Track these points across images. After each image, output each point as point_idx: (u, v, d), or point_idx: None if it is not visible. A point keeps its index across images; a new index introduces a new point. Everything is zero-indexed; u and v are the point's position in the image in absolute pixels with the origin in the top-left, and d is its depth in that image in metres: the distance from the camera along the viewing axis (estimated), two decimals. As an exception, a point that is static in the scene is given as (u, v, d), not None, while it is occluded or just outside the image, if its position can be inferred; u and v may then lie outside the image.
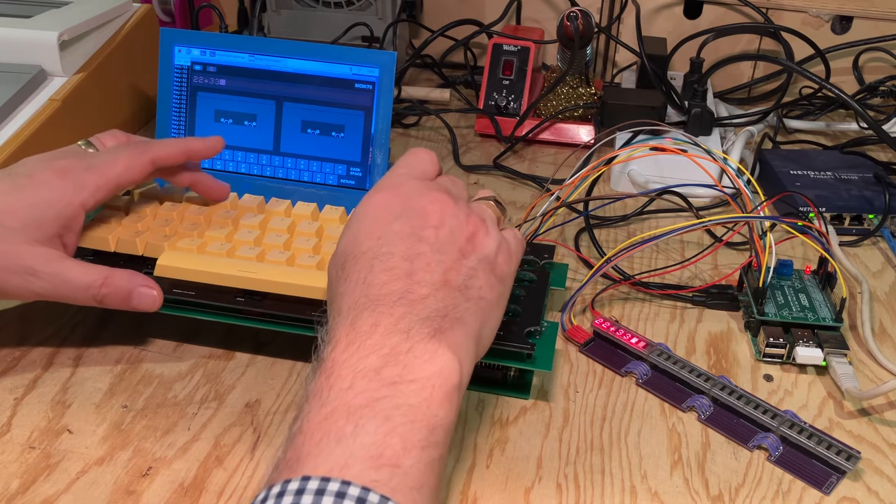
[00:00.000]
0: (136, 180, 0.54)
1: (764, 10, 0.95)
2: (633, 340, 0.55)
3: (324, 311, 0.43)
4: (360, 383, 0.36)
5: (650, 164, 0.75)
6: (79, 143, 0.55)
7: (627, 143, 0.73)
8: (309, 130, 0.64)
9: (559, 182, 0.69)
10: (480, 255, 0.43)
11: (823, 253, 0.58)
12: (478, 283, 0.42)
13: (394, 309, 0.39)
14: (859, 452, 0.47)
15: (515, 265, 0.46)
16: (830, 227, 0.67)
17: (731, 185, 0.63)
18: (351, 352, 0.37)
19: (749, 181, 0.66)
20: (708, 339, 0.57)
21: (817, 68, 0.86)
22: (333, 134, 0.64)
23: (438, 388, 0.37)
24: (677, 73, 0.91)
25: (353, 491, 0.32)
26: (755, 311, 0.56)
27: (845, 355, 0.54)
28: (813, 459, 0.47)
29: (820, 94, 0.91)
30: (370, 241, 0.42)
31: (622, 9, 0.96)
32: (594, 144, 0.69)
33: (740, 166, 0.72)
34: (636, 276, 0.62)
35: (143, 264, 0.55)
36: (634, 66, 0.95)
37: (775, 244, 0.56)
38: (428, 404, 0.36)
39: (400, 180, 0.45)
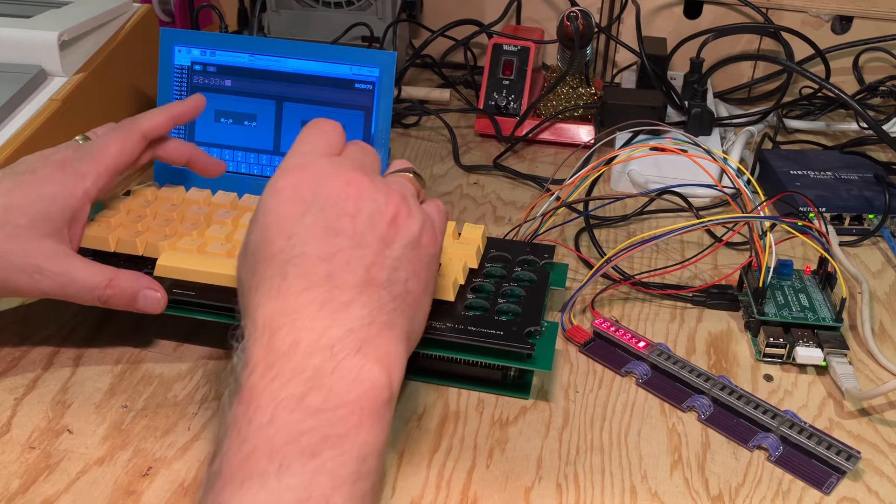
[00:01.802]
0: (133, 157, 0.54)
1: (764, 10, 0.95)
2: (634, 341, 0.55)
3: (238, 317, 0.40)
4: (282, 415, 0.33)
5: (650, 164, 0.75)
6: (76, 137, 0.55)
7: (627, 143, 0.74)
8: (309, 130, 0.64)
9: (559, 182, 0.69)
10: (405, 240, 0.40)
11: (823, 253, 0.58)
12: (404, 275, 0.39)
13: (314, 322, 0.36)
14: (859, 452, 0.47)
15: (441, 241, 0.43)
16: (830, 227, 0.67)
17: (731, 185, 0.63)
18: (270, 377, 0.35)
19: (749, 181, 0.66)
20: (708, 339, 0.57)
21: (817, 68, 0.86)
22: (333, 134, 0.64)
23: (367, 410, 0.35)
24: (677, 73, 0.91)
25: None
26: (755, 311, 0.56)
27: (845, 355, 0.54)
28: (813, 459, 0.47)
29: (820, 94, 0.91)
30: (281, 239, 0.38)
31: (622, 9, 0.96)
32: (594, 144, 0.69)
33: (740, 166, 0.72)
34: (636, 276, 0.62)
35: (143, 264, 0.55)
36: (634, 66, 0.95)
37: (775, 244, 0.56)
38: (357, 431, 0.34)
39: (306, 160, 0.41)
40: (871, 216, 0.70)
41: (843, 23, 0.96)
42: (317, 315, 0.36)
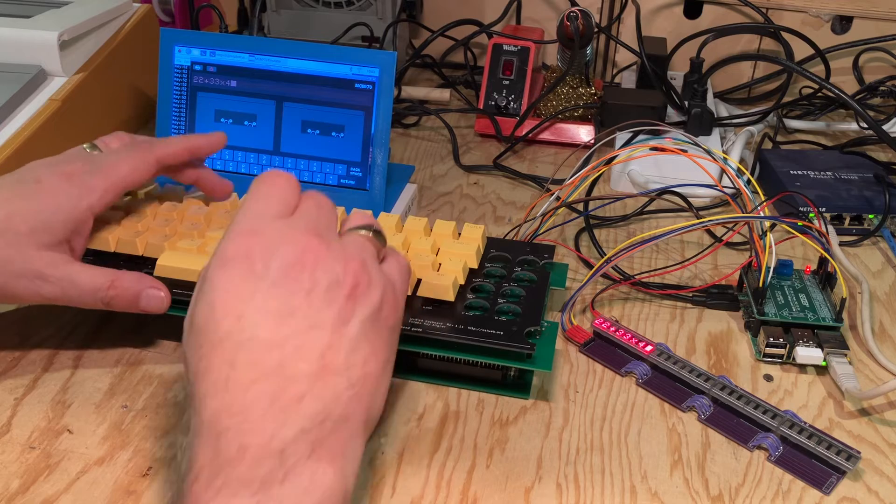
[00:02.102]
0: (143, 180, 0.53)
1: (764, 10, 0.95)
2: (634, 341, 0.55)
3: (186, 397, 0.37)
4: None
5: (650, 164, 0.75)
6: (83, 145, 0.54)
7: (627, 143, 0.74)
8: (309, 130, 0.64)
9: (559, 182, 0.69)
10: (364, 315, 0.37)
11: (823, 253, 0.58)
12: (361, 357, 0.36)
13: (263, 423, 0.33)
14: (859, 452, 0.47)
15: (402, 306, 0.40)
16: (830, 227, 0.67)
17: (731, 185, 0.63)
18: (216, 488, 0.32)
19: (749, 181, 0.66)
20: (708, 339, 0.57)
21: (817, 68, 0.86)
22: (333, 134, 0.64)
23: None
24: (677, 73, 0.91)
25: None
26: (755, 311, 0.56)
27: (845, 355, 0.54)
28: (813, 459, 0.47)
29: (820, 94, 0.91)
30: (229, 319, 0.35)
31: (622, 9, 0.96)
32: (594, 144, 0.69)
33: (740, 166, 0.72)
34: (636, 276, 0.62)
35: (143, 264, 0.55)
36: (634, 66, 0.95)
37: (775, 244, 0.56)
38: None
39: (257, 223, 0.37)
40: (871, 216, 0.70)
41: (843, 23, 0.96)
42: (266, 412, 0.33)
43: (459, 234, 0.58)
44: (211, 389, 0.34)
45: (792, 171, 0.75)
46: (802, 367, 0.55)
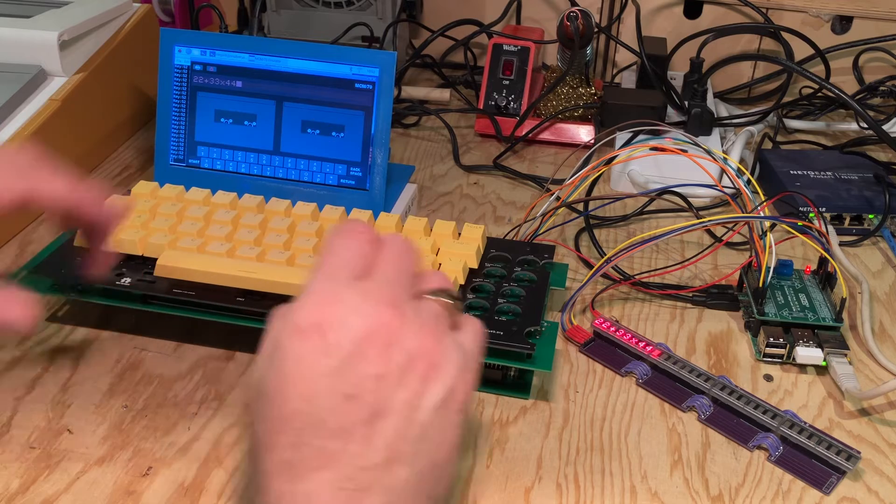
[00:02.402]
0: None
1: (764, 10, 0.95)
2: (634, 341, 0.55)
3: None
4: None
5: (650, 164, 0.75)
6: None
7: (627, 143, 0.73)
8: (309, 130, 0.64)
9: (559, 182, 0.69)
10: (436, 399, 0.35)
11: (823, 253, 0.58)
12: (431, 445, 0.35)
13: None
14: (859, 452, 0.47)
15: (475, 378, 0.37)
16: (830, 227, 0.67)
17: (731, 185, 0.63)
18: None
19: (749, 181, 0.66)
20: (708, 339, 0.57)
21: (817, 68, 0.86)
22: (333, 134, 0.64)
23: None
24: (677, 73, 0.91)
25: None
26: (755, 311, 0.56)
27: (845, 355, 0.54)
28: (813, 459, 0.47)
29: (820, 94, 0.91)
30: (297, 400, 0.33)
31: (622, 9, 0.96)
32: (594, 144, 0.69)
33: (740, 166, 0.72)
34: (636, 276, 0.62)
35: (144, 264, 0.55)
36: (634, 66, 0.95)
37: (775, 244, 0.56)
38: None
39: (332, 288, 0.35)
40: (871, 216, 0.70)
41: (843, 23, 0.96)
42: (330, 502, 0.33)
43: (459, 234, 0.58)
44: (275, 470, 0.33)
45: (792, 171, 0.75)
46: (802, 367, 0.55)
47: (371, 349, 0.34)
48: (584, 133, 0.85)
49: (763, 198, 0.67)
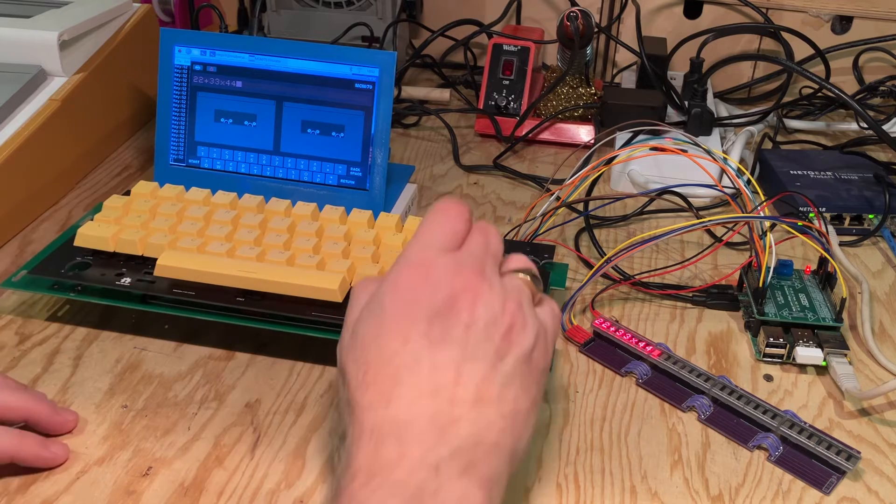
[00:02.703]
0: None
1: (764, 10, 0.95)
2: (634, 341, 0.55)
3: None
4: None
5: (650, 164, 0.75)
6: None
7: (627, 143, 0.73)
8: (309, 130, 0.64)
9: (559, 182, 0.69)
10: (517, 355, 0.38)
11: (823, 253, 0.58)
12: (513, 393, 0.38)
13: (423, 437, 0.35)
14: (859, 452, 0.47)
15: (552, 353, 0.42)
16: (830, 227, 0.67)
17: (731, 185, 0.63)
18: (371, 489, 0.34)
19: (749, 181, 0.66)
20: (708, 339, 0.57)
21: (817, 68, 0.86)
22: (333, 134, 0.64)
23: None
24: (677, 73, 0.91)
25: None
26: (755, 311, 0.56)
27: (845, 355, 0.54)
28: (813, 459, 0.47)
29: (820, 94, 0.91)
30: (396, 342, 0.37)
31: (622, 9, 0.96)
32: (594, 144, 0.69)
33: (740, 166, 0.72)
34: (636, 276, 0.62)
35: (144, 264, 0.55)
36: (634, 66, 0.95)
37: (775, 244, 0.56)
38: None
39: (428, 255, 0.39)
40: (871, 216, 0.70)
41: (843, 23, 0.96)
42: (426, 428, 0.35)
43: (459, 234, 0.58)
44: (375, 401, 0.36)
45: (792, 171, 0.75)
46: (802, 367, 0.55)
47: (460, 306, 0.38)
48: (584, 133, 0.85)
49: (763, 198, 0.67)
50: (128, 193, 0.61)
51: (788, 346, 0.54)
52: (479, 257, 0.40)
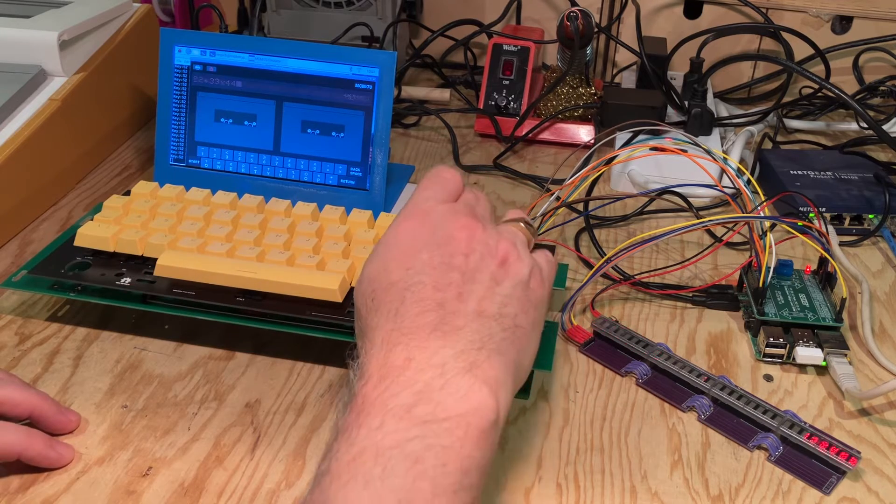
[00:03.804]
0: None
1: (764, 10, 0.95)
2: (633, 341, 0.55)
3: (353, 346, 0.42)
4: (391, 422, 0.35)
5: (650, 164, 0.75)
6: None
7: (627, 143, 0.73)
8: (309, 130, 0.64)
9: (559, 182, 0.69)
10: (514, 281, 0.41)
11: (823, 253, 0.58)
12: (512, 311, 0.41)
13: (427, 342, 0.38)
14: (859, 452, 0.47)
15: (549, 288, 0.45)
16: (830, 227, 0.67)
17: (731, 185, 0.63)
18: (383, 388, 0.36)
19: (749, 181, 0.66)
20: (708, 339, 0.57)
21: (817, 68, 0.86)
22: (333, 134, 0.64)
23: (473, 427, 0.36)
24: (677, 73, 0.91)
25: None
26: (755, 311, 0.56)
27: (845, 355, 0.54)
28: (813, 459, 0.47)
29: (820, 94, 0.91)
30: (400, 270, 0.40)
31: (622, 9, 0.96)
32: (594, 144, 0.69)
33: (740, 166, 0.72)
34: (636, 276, 0.62)
35: (144, 264, 0.55)
36: (634, 66, 0.95)
37: (775, 244, 0.56)
38: (461, 444, 0.35)
39: (426, 205, 0.43)
40: (871, 216, 0.70)
41: (843, 23, 0.96)
42: (430, 335, 0.38)
43: (459, 234, 0.58)
44: (381, 320, 0.39)
45: (792, 171, 0.75)
46: (802, 367, 0.55)
47: (458, 240, 0.41)
48: (584, 133, 0.85)
49: (763, 198, 0.67)
50: (128, 193, 0.61)
51: (788, 346, 0.54)
52: (472, 206, 0.44)
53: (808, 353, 0.54)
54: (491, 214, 0.46)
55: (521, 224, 0.46)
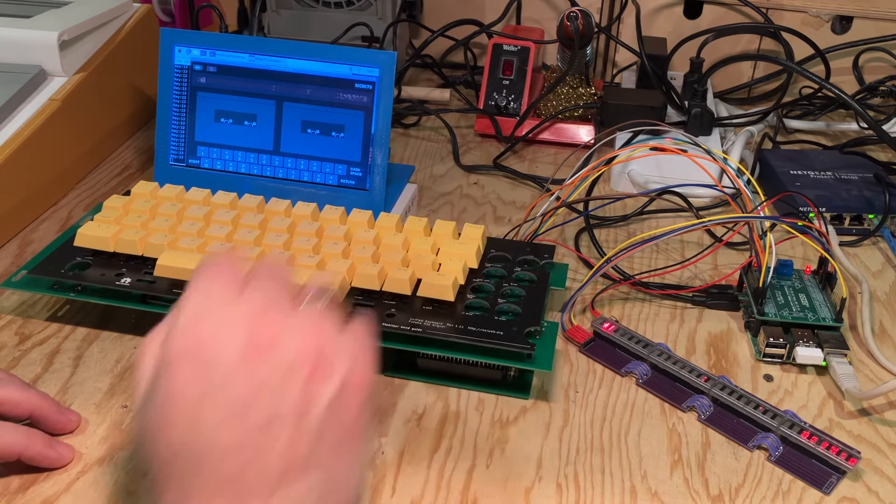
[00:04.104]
0: None
1: (764, 10, 0.95)
2: (633, 341, 0.55)
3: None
4: None
5: (650, 164, 0.75)
6: None
7: (627, 143, 0.73)
8: (309, 130, 0.64)
9: (559, 182, 0.69)
10: (326, 398, 0.33)
11: (823, 253, 0.58)
12: (328, 445, 0.33)
13: None
14: (859, 452, 0.47)
15: (371, 368, 0.36)
16: (830, 227, 0.67)
17: (731, 185, 0.63)
18: None
19: (749, 181, 0.66)
20: (708, 339, 0.57)
21: (817, 68, 0.86)
22: (333, 134, 0.64)
23: None
24: (677, 73, 0.91)
25: None
26: (755, 311, 0.56)
27: (845, 355, 0.54)
28: (813, 459, 0.47)
29: (820, 94, 0.91)
30: (182, 429, 0.32)
31: (622, 9, 0.96)
32: (594, 144, 0.69)
33: (740, 166, 0.72)
34: (636, 276, 0.62)
35: (144, 264, 0.55)
36: (634, 66, 0.95)
37: (775, 244, 0.56)
38: None
39: (202, 309, 0.34)
40: (871, 216, 0.70)
41: (843, 23, 0.96)
42: None
43: (459, 234, 0.58)
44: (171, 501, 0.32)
45: (792, 171, 0.75)
46: (802, 367, 0.55)
47: (249, 361, 0.33)
48: (584, 133, 0.85)
49: (763, 198, 0.67)
50: (128, 193, 0.61)
51: (788, 346, 0.54)
52: (265, 293, 0.35)
53: (808, 353, 0.54)
54: (289, 290, 0.36)
55: (326, 301, 0.37)
